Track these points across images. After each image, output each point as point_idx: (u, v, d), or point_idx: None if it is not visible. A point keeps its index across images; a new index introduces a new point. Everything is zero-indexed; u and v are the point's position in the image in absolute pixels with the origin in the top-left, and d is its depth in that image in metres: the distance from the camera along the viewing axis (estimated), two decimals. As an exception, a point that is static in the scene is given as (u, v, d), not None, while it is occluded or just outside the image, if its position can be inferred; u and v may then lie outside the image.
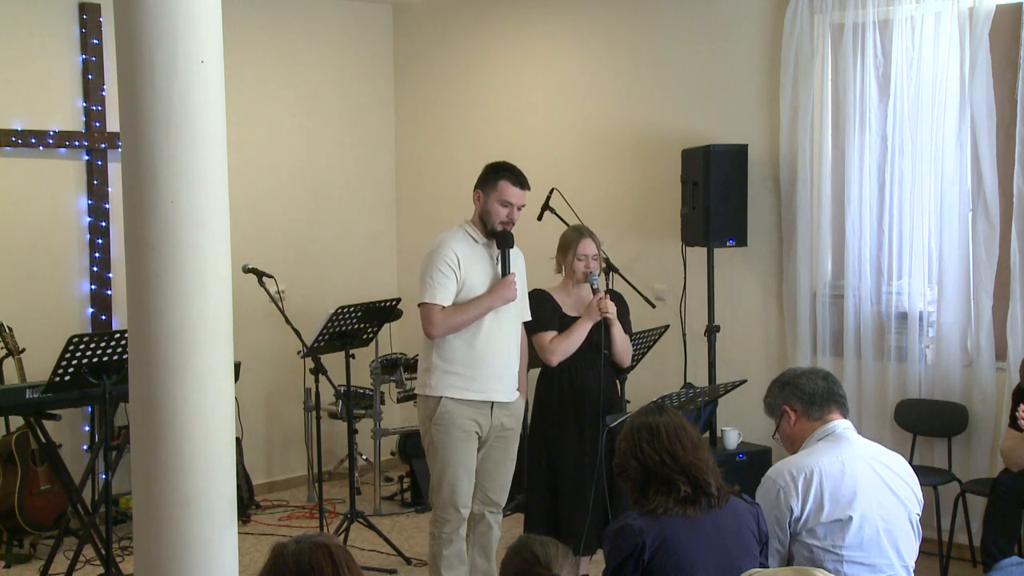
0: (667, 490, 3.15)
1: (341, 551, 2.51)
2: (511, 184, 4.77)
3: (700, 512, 3.15)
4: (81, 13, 6.54)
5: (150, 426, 3.62)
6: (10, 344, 5.98)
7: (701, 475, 3.16)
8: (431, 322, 4.65)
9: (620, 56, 6.94)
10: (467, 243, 4.78)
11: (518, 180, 4.80)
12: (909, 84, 5.76)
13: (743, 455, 6.01)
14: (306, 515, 6.89)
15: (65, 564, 5.52)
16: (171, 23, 3.52)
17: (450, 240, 4.76)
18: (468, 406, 4.72)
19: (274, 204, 7.40)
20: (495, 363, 4.77)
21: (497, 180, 4.77)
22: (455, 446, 4.70)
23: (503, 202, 4.75)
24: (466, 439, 4.73)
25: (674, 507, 3.13)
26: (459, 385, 4.70)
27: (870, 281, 5.96)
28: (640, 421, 3.28)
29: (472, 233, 4.81)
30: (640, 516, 3.13)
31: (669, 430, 3.21)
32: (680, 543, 3.10)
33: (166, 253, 3.56)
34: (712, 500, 3.18)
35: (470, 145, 7.63)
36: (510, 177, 4.78)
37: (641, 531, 3.08)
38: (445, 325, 4.65)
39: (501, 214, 4.75)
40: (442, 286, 4.66)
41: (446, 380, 4.70)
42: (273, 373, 7.37)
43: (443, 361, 4.71)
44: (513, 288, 4.75)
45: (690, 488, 3.14)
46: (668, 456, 3.16)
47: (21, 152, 6.37)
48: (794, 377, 3.65)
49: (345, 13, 7.82)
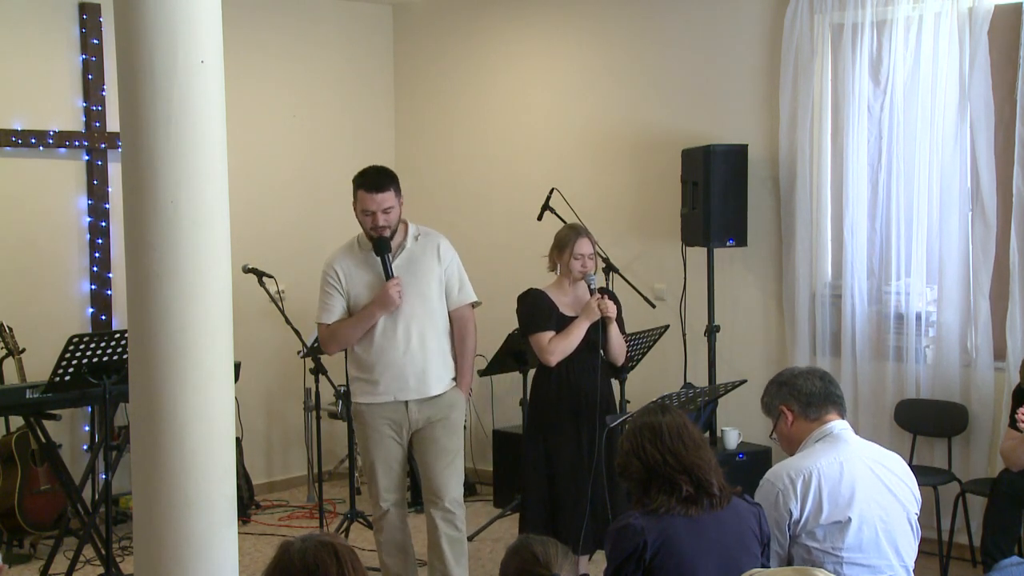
0: (669, 489, 3.15)
1: (346, 550, 2.52)
2: (365, 192, 4.75)
3: (702, 512, 3.15)
4: (81, 13, 6.54)
5: (150, 426, 3.63)
6: (10, 344, 5.98)
7: (703, 475, 3.16)
8: (323, 340, 4.92)
9: (620, 56, 6.94)
10: (352, 255, 4.85)
11: (372, 185, 4.75)
12: (908, 84, 5.77)
13: (743, 455, 6.02)
14: (306, 515, 6.89)
15: (65, 564, 5.52)
16: (171, 23, 3.52)
17: (333, 258, 4.88)
18: (379, 407, 4.81)
19: (274, 204, 7.40)
20: (395, 364, 4.77)
21: (356, 190, 4.79)
22: (371, 446, 4.84)
23: (364, 211, 4.76)
24: (380, 439, 4.82)
25: (676, 506, 3.13)
26: (366, 390, 4.83)
27: (869, 281, 5.96)
28: (643, 421, 3.28)
29: (360, 243, 4.88)
30: (642, 515, 3.13)
31: (672, 430, 3.21)
32: (682, 543, 3.10)
33: (166, 253, 3.57)
34: (714, 500, 3.18)
35: (470, 145, 7.63)
36: (364, 186, 4.77)
37: (643, 530, 3.08)
38: (333, 341, 4.86)
39: (367, 223, 4.77)
40: (327, 306, 4.83)
41: (357, 386, 4.88)
42: (273, 373, 7.37)
43: (354, 368, 4.90)
44: (393, 293, 4.71)
45: (692, 488, 3.14)
46: (671, 456, 3.16)
47: (21, 152, 6.37)
48: (791, 377, 3.65)
49: (345, 13, 7.82)
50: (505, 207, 7.40)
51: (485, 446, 7.28)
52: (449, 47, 7.78)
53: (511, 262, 7.04)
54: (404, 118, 8.06)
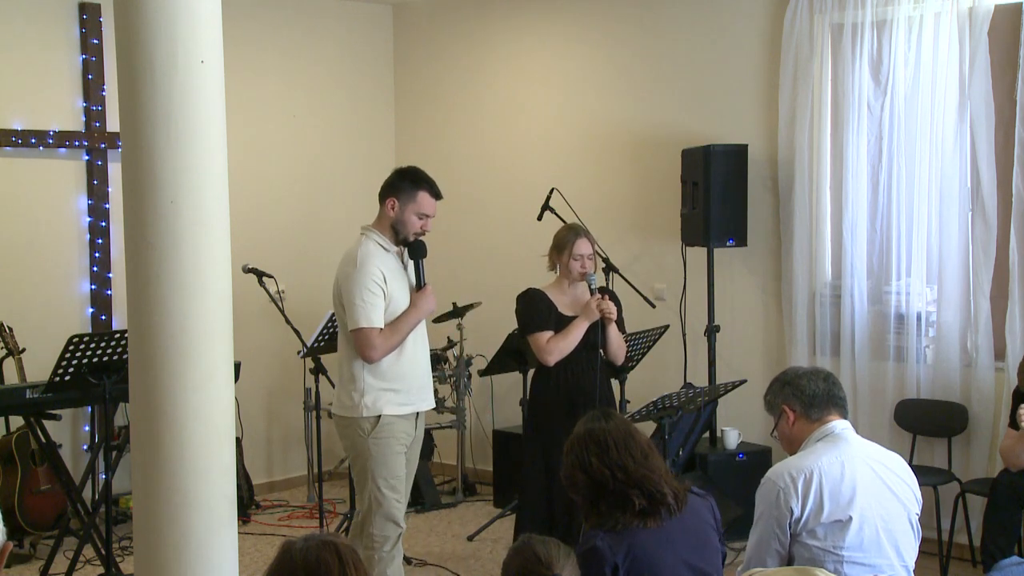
0: (622, 505, 3.04)
1: (348, 550, 2.52)
2: (430, 196, 4.60)
3: (661, 522, 3.06)
4: (81, 13, 6.54)
5: (150, 426, 3.63)
6: (10, 344, 5.98)
7: (655, 487, 3.06)
8: (372, 346, 4.46)
9: (620, 56, 6.95)
10: (386, 256, 4.58)
11: (436, 192, 4.63)
12: (908, 84, 5.77)
13: (743, 455, 6.02)
14: (306, 515, 6.88)
15: (65, 564, 5.52)
16: (171, 23, 3.52)
17: (370, 256, 4.52)
18: (403, 420, 4.60)
19: (274, 204, 7.40)
20: (419, 374, 4.68)
21: (416, 191, 4.57)
22: (395, 461, 4.57)
23: (420, 215, 4.58)
24: (401, 453, 4.60)
25: (632, 520, 3.04)
26: (396, 401, 4.56)
27: (869, 281, 5.96)
28: (586, 430, 3.17)
29: (382, 243, 4.60)
30: (605, 535, 3.04)
31: (618, 440, 3.10)
32: (647, 553, 3.03)
33: (166, 253, 3.57)
34: (671, 508, 3.09)
35: (470, 145, 7.63)
36: (430, 189, 4.60)
37: (611, 550, 3.01)
38: (385, 347, 4.50)
39: (416, 226, 4.58)
40: (375, 307, 4.46)
41: (384, 397, 4.54)
42: (273, 373, 7.36)
43: (376, 379, 4.53)
44: (434, 300, 4.63)
45: (645, 501, 3.05)
46: (619, 471, 3.05)
47: (21, 152, 6.37)
48: (795, 377, 3.64)
49: (345, 13, 7.81)
50: (505, 207, 7.40)
51: (485, 446, 7.27)
52: (449, 47, 7.78)
53: (511, 262, 7.05)
54: (404, 118, 8.05)
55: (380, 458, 4.54)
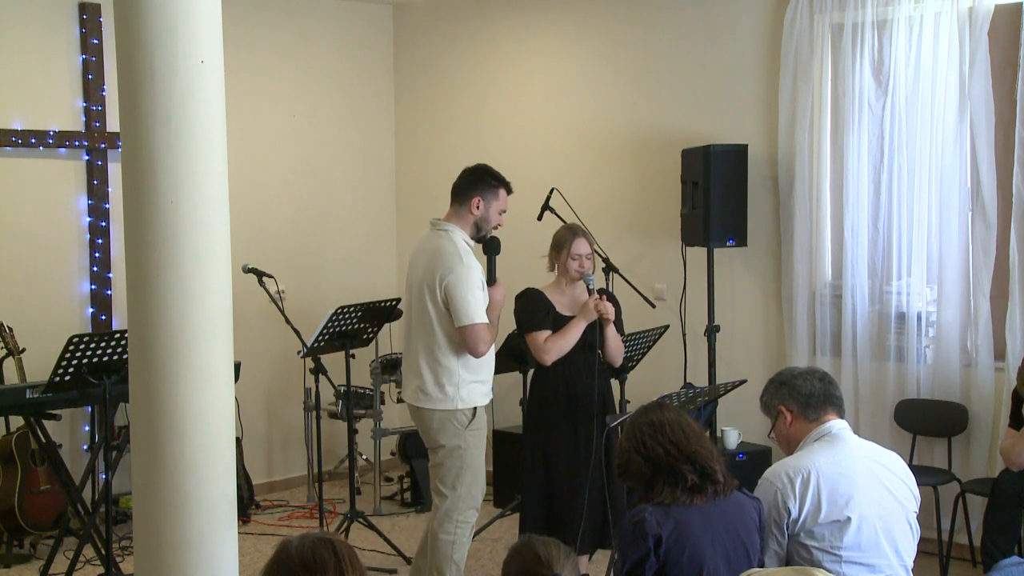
0: (674, 481, 3.18)
1: (345, 547, 2.52)
2: (507, 193, 4.89)
3: (707, 501, 3.18)
4: (81, 13, 6.54)
5: (150, 426, 3.63)
6: (10, 344, 5.98)
7: (706, 463, 3.20)
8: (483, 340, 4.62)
9: (620, 56, 6.95)
10: (472, 254, 4.78)
11: (511, 188, 4.93)
12: (908, 84, 5.77)
13: (743, 455, 6.02)
14: (306, 515, 6.89)
15: (65, 564, 5.52)
16: (171, 23, 3.53)
17: (466, 253, 4.72)
18: (485, 410, 4.85)
19: (274, 204, 7.40)
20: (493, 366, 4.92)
21: (498, 189, 4.85)
22: (482, 449, 4.81)
23: (502, 211, 4.87)
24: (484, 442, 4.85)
25: (682, 496, 3.16)
26: (483, 392, 4.83)
27: (869, 281, 5.96)
28: (641, 418, 3.30)
29: (468, 242, 4.82)
30: (654, 509, 3.15)
31: (672, 423, 3.25)
32: (692, 532, 3.13)
33: (166, 253, 3.57)
34: (719, 487, 3.21)
35: (470, 145, 7.62)
36: (508, 187, 4.89)
37: (659, 524, 3.12)
38: (491, 342, 4.71)
39: (496, 222, 4.86)
40: (481, 303, 4.67)
41: (476, 390, 4.77)
42: (273, 373, 7.37)
43: (469, 372, 4.74)
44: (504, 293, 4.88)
45: (696, 476, 3.18)
46: (672, 446, 3.20)
47: (21, 152, 6.37)
48: (791, 377, 3.65)
49: (345, 13, 7.82)
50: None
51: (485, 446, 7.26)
52: (449, 47, 7.78)
53: (511, 262, 6.99)
54: (404, 118, 8.06)
55: (476, 448, 4.78)
